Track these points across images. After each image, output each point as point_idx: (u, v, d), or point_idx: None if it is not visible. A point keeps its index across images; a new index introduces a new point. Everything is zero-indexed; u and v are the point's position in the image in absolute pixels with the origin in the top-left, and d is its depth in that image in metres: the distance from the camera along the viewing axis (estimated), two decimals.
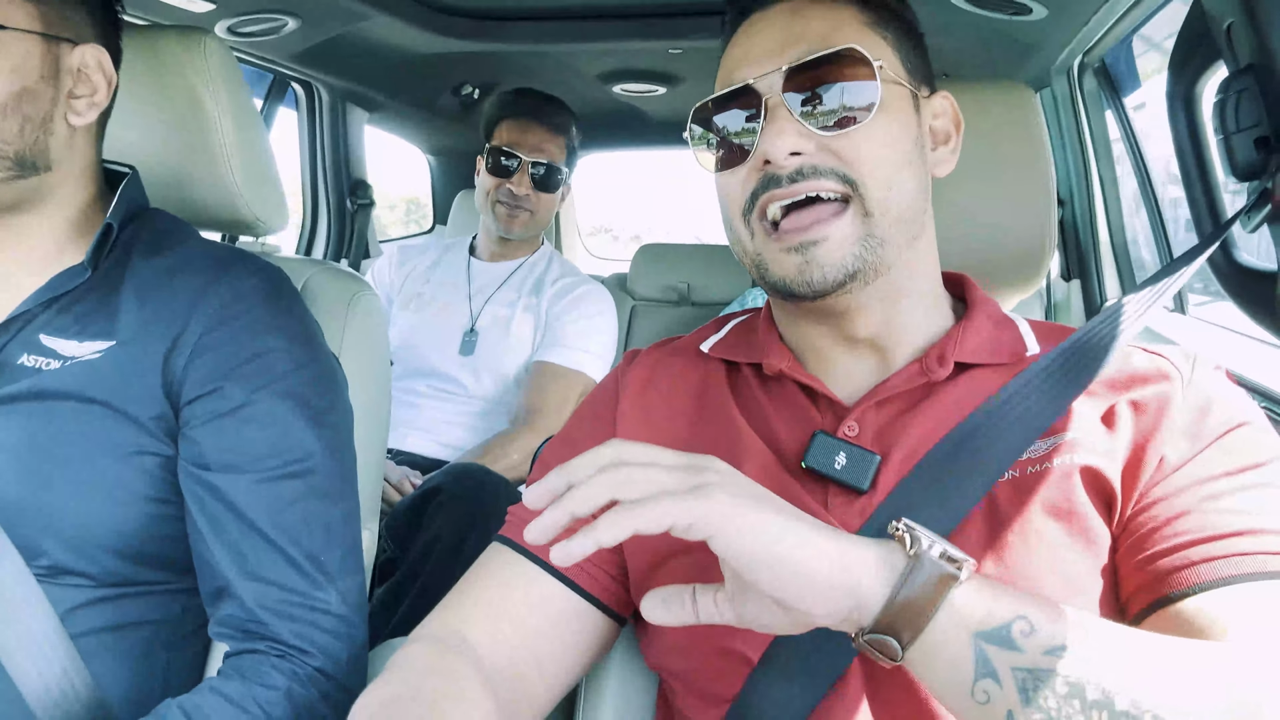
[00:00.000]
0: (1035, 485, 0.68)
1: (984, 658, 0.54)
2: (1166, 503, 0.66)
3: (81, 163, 0.93)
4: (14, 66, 0.84)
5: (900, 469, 0.72)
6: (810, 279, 0.72)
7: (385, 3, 1.94)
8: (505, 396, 2.03)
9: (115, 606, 0.88)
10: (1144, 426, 0.69)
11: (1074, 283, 2.18)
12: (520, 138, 2.09)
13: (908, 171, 0.75)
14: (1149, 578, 0.65)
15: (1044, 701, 0.52)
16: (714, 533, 0.54)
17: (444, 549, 1.57)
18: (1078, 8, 1.63)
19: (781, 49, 0.74)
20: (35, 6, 0.85)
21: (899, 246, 0.74)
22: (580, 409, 0.89)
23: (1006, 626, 0.54)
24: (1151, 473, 0.67)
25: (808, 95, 0.73)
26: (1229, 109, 0.95)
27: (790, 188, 0.72)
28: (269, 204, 1.13)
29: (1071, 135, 2.07)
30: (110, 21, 0.95)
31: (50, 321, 0.90)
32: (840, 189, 0.72)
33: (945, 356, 0.76)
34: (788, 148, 0.72)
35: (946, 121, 0.82)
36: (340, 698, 0.86)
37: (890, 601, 0.55)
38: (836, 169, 0.72)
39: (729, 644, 0.72)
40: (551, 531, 0.56)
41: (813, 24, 0.75)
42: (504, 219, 2.09)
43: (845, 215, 0.72)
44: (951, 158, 0.82)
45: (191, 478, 0.87)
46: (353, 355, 1.06)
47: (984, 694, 0.54)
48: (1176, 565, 0.63)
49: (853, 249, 0.72)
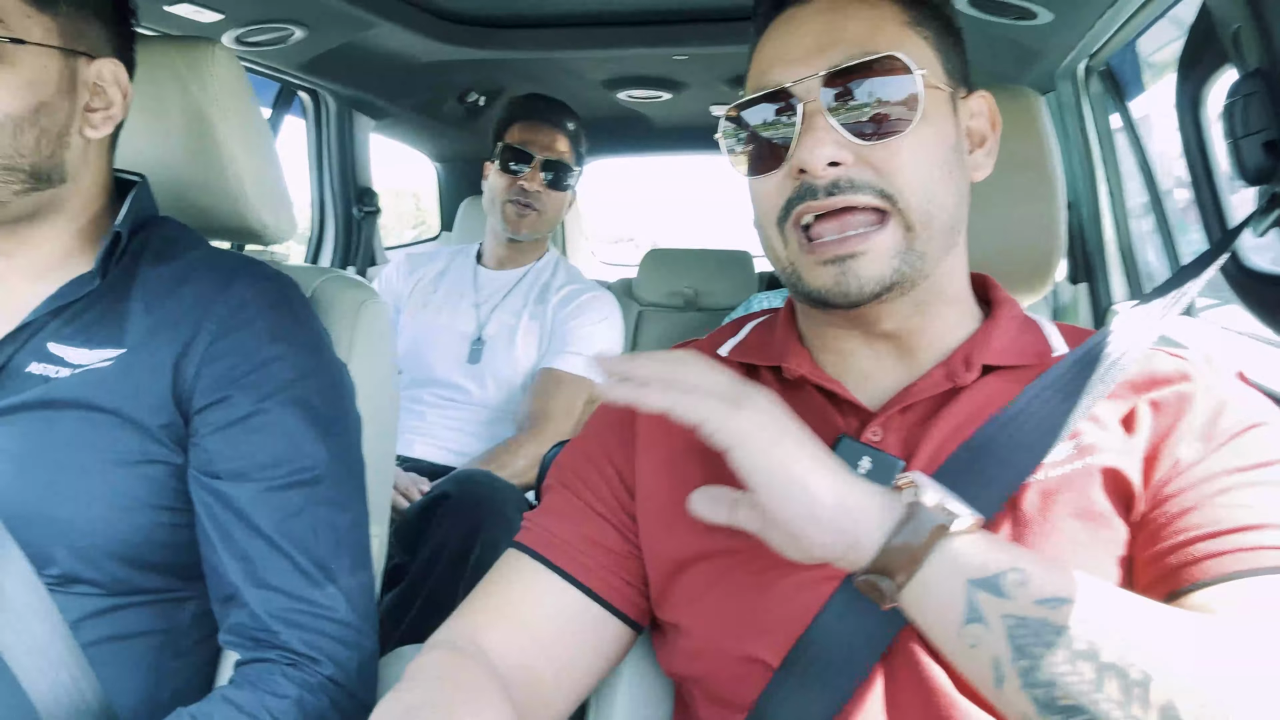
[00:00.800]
0: (1058, 489, 0.68)
1: (974, 603, 0.57)
2: (1177, 499, 0.66)
3: (95, 174, 0.93)
4: (32, 81, 0.84)
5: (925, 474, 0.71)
6: (848, 290, 0.70)
7: (391, 11, 1.95)
8: (512, 404, 2.03)
9: (124, 615, 0.88)
10: (1161, 426, 0.69)
11: (1081, 286, 2.18)
12: (532, 137, 2.11)
13: (948, 182, 0.72)
14: (1160, 573, 0.65)
15: (1031, 649, 0.55)
16: (735, 444, 0.60)
17: (451, 555, 1.57)
18: (1082, 12, 1.63)
19: (820, 50, 0.71)
20: (53, 21, 0.86)
21: (937, 258, 0.73)
22: (597, 417, 0.87)
23: (1000, 575, 0.57)
24: (1166, 470, 0.67)
25: (847, 102, 0.70)
26: (1237, 113, 0.94)
27: (826, 200, 0.70)
28: (277, 212, 1.14)
29: (1077, 139, 2.07)
30: (125, 35, 0.95)
31: (59, 330, 0.90)
32: (877, 203, 0.70)
33: (972, 360, 0.74)
34: (825, 158, 0.69)
35: (983, 122, 0.79)
36: (350, 706, 0.86)
37: (886, 545, 0.59)
38: (874, 183, 0.70)
39: (749, 650, 0.71)
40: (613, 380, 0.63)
41: (852, 24, 0.72)
42: (513, 219, 2.10)
43: (886, 229, 0.70)
44: (987, 161, 0.79)
45: (201, 486, 0.87)
46: (361, 363, 1.06)
47: (972, 637, 0.57)
48: (1184, 561, 0.63)
49: (892, 262, 0.70)
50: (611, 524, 0.80)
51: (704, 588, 0.75)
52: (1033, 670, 0.55)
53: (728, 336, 0.88)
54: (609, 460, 0.82)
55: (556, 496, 0.83)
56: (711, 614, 0.72)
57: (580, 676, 0.78)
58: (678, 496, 0.76)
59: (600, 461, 0.82)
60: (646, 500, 0.79)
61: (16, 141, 0.84)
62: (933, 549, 0.58)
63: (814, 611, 0.69)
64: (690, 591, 0.76)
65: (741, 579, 0.73)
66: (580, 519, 0.80)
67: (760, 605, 0.71)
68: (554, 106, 2.18)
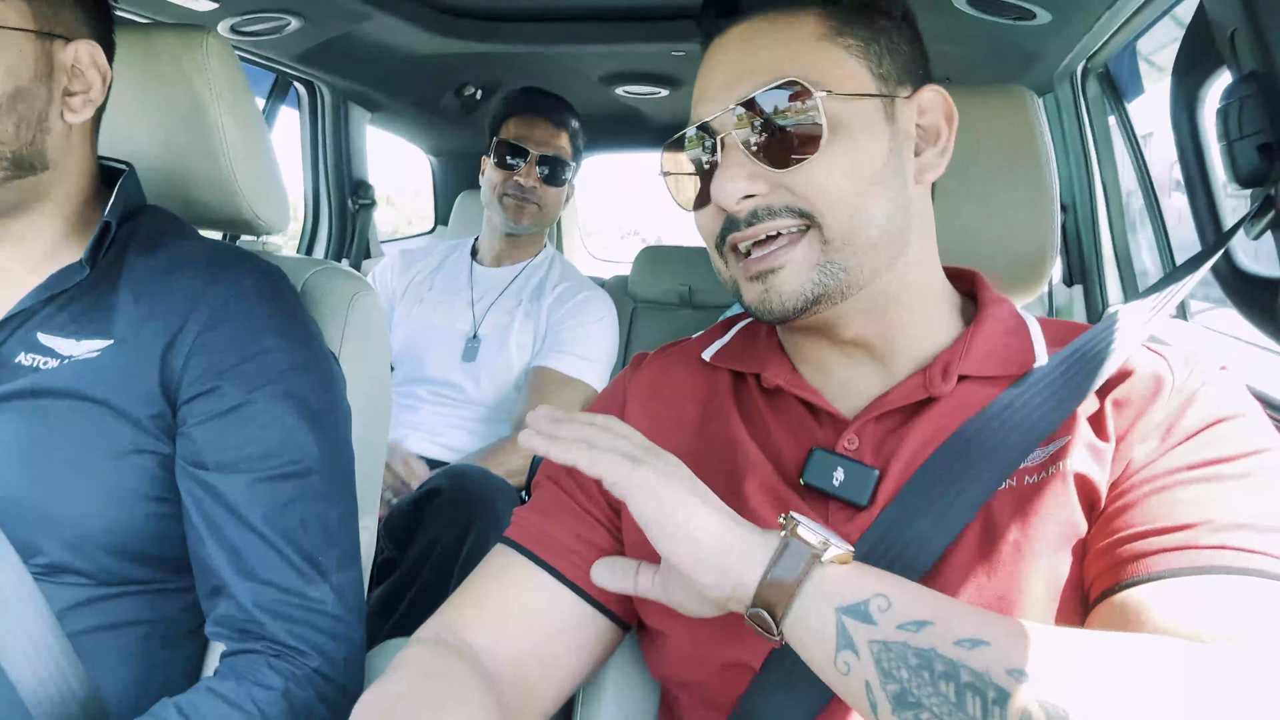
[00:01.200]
0: (1032, 495, 0.68)
1: (844, 630, 0.59)
2: (1123, 498, 0.66)
3: (78, 160, 0.93)
4: (8, 66, 0.83)
5: (899, 482, 0.71)
6: (770, 307, 0.72)
7: (388, 3, 1.94)
8: (507, 402, 2.03)
9: (112, 605, 0.88)
10: (1122, 426, 0.68)
11: (1076, 288, 2.18)
12: (528, 132, 2.10)
13: (876, 195, 0.71)
14: (1100, 569, 0.65)
15: (897, 673, 0.56)
16: (627, 495, 0.63)
17: (442, 551, 1.57)
18: (1081, 13, 1.63)
19: (732, 83, 0.72)
20: (26, 5, 0.85)
21: (873, 270, 0.72)
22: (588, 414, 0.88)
23: (865, 602, 0.59)
24: (1120, 470, 0.67)
25: (757, 132, 0.70)
26: (1232, 116, 0.94)
27: (748, 230, 0.71)
28: (271, 203, 1.13)
29: (1074, 140, 2.07)
30: (103, 16, 0.94)
31: (48, 320, 0.90)
32: (798, 223, 0.71)
33: (949, 370, 0.74)
34: (737, 193, 0.71)
35: (936, 117, 0.76)
36: (337, 698, 0.85)
37: (763, 579, 0.61)
38: (792, 205, 0.70)
39: (733, 655, 0.72)
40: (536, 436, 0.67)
41: (763, 51, 0.72)
42: (512, 210, 2.09)
43: (801, 243, 0.71)
44: (939, 160, 0.76)
45: (188, 477, 0.87)
46: (352, 355, 1.06)
47: (845, 664, 0.58)
48: (1117, 560, 0.63)
49: (810, 275, 0.70)
50: (600, 522, 0.80)
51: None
52: (902, 694, 0.56)
53: (715, 337, 0.88)
54: None
55: (546, 493, 0.83)
56: (691, 622, 0.72)
57: (567, 673, 0.78)
58: None
59: None
60: None
61: None
62: (805, 580, 0.60)
63: None
64: None
65: None
66: (569, 516, 0.80)
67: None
68: (550, 101, 2.17)
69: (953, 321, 0.79)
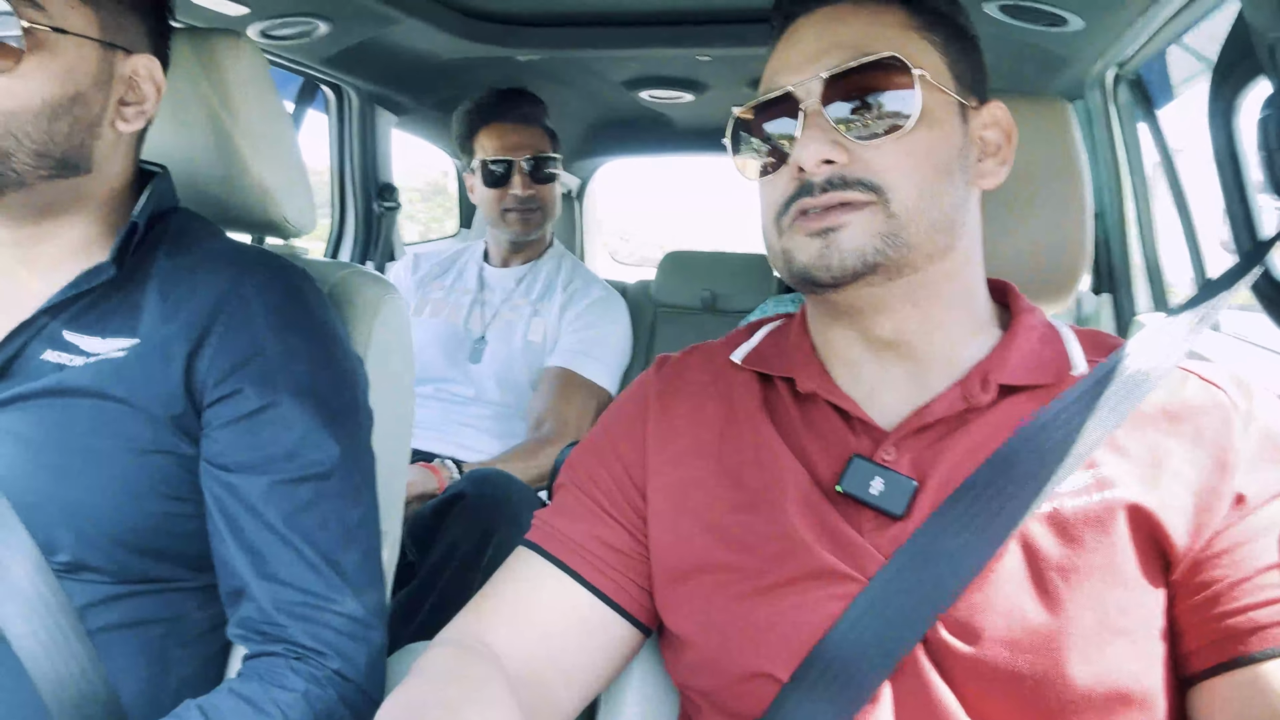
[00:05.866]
0: (1077, 520, 0.66)
1: None
2: (1247, 548, 0.63)
3: (120, 166, 0.94)
4: (69, 69, 0.84)
5: (937, 496, 0.70)
6: (830, 263, 0.71)
7: (414, 7, 1.95)
8: (514, 402, 2.03)
9: (130, 603, 0.88)
10: (1205, 464, 0.66)
11: (1104, 296, 2.15)
12: (500, 142, 2.12)
13: (945, 183, 0.73)
14: (1219, 634, 0.62)
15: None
16: None
17: (465, 555, 1.57)
18: (1114, 19, 1.61)
19: (820, 55, 0.73)
20: (94, 13, 0.86)
21: (929, 254, 0.73)
22: (609, 416, 0.87)
23: None
24: (1226, 513, 0.65)
25: (845, 103, 0.72)
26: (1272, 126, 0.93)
27: (820, 197, 0.71)
28: (298, 206, 1.13)
29: (1105, 148, 2.04)
30: (163, 32, 0.96)
31: (75, 318, 0.90)
32: (868, 197, 0.71)
33: (989, 380, 0.73)
34: (819, 155, 0.71)
35: (998, 133, 0.79)
36: (358, 700, 0.85)
37: None
38: (865, 178, 0.71)
39: (755, 666, 0.71)
40: None
41: (854, 29, 0.74)
42: (519, 224, 2.11)
43: (869, 209, 0.71)
44: (1000, 170, 0.79)
45: (211, 477, 0.87)
46: (378, 358, 1.06)
47: None
48: (1258, 624, 0.60)
49: (873, 241, 0.71)
50: (622, 525, 0.80)
51: (704, 601, 0.74)
52: None
53: (742, 340, 0.87)
54: (620, 461, 0.82)
55: (568, 496, 0.83)
56: (714, 629, 0.71)
57: (588, 677, 0.78)
58: (683, 502, 0.76)
59: (611, 462, 0.82)
60: (655, 503, 0.79)
61: (50, 128, 0.84)
62: None
63: (824, 629, 0.68)
64: (691, 603, 0.75)
65: (743, 595, 0.72)
66: (591, 519, 0.80)
67: (766, 622, 0.70)
68: (510, 103, 2.19)
69: (990, 329, 0.78)
